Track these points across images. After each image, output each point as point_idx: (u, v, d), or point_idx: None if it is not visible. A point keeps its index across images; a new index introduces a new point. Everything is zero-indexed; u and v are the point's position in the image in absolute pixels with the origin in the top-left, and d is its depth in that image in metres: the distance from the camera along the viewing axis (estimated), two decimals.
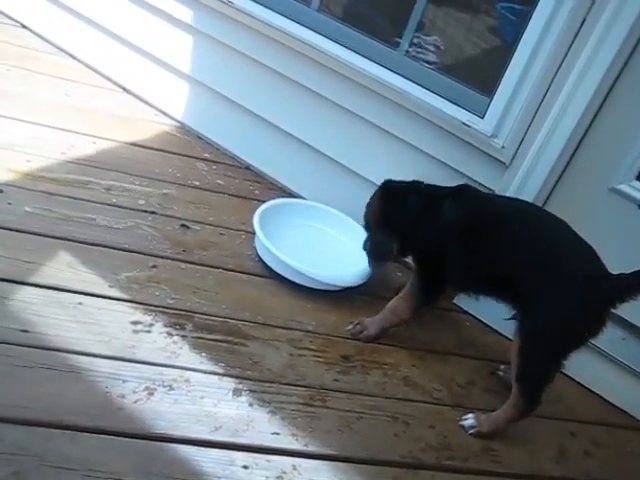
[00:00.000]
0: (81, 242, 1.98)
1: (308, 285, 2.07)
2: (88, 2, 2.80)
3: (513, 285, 1.76)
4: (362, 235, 2.04)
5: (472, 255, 1.81)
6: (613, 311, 1.71)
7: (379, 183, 2.04)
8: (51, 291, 1.80)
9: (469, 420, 1.82)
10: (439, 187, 1.92)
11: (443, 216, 1.85)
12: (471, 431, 1.81)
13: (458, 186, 1.91)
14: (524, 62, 1.98)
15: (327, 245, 2.30)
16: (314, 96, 2.37)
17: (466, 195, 1.89)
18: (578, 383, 2.11)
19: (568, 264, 1.71)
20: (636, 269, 1.65)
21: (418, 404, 1.86)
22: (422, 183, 1.95)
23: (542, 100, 1.98)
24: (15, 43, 2.90)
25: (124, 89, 2.83)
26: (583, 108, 1.92)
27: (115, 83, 2.85)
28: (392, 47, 2.27)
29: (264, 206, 2.21)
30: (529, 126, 2.02)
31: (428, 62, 2.38)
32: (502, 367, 2.03)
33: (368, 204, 2.01)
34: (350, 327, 2.01)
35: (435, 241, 1.86)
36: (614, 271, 1.70)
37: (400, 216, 1.91)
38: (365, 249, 2.02)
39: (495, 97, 2.06)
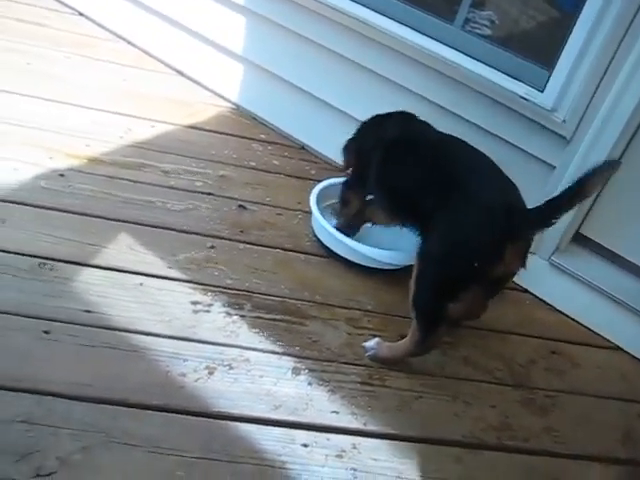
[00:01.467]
0: (141, 224, 2.01)
1: (365, 264, 2.06)
2: None
3: (418, 208, 1.76)
4: None
5: (388, 168, 1.86)
6: None
7: None
8: (113, 272, 1.83)
9: (371, 342, 1.80)
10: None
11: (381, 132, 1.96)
12: (369, 353, 1.79)
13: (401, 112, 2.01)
14: (585, 34, 1.91)
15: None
16: (368, 74, 2.35)
17: (404, 119, 1.99)
18: None
19: (476, 193, 1.66)
20: (549, 198, 1.61)
21: (478, 384, 1.84)
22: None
23: (605, 73, 1.92)
24: (73, 31, 2.94)
25: (180, 72, 2.85)
26: None
27: (171, 67, 2.87)
28: (447, 21, 2.23)
29: (320, 185, 2.21)
30: (591, 99, 1.96)
31: (488, 37, 2.33)
32: None
33: None
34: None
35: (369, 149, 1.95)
36: None
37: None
38: None
39: (555, 70, 2.01)
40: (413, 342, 1.75)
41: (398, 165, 1.85)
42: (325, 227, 2.07)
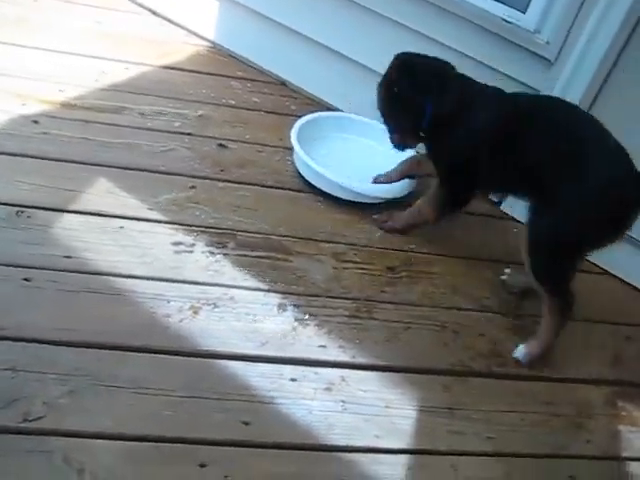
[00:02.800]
0: (119, 167, 1.97)
1: (350, 199, 2.03)
2: None
3: (540, 182, 1.69)
4: None
5: (505, 157, 1.75)
6: None
7: None
8: (92, 217, 1.80)
9: (520, 351, 1.74)
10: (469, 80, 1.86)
11: (479, 120, 1.78)
12: (525, 360, 1.73)
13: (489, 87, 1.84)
14: None
15: (367, 157, 2.23)
16: (347, 4, 2.28)
17: (497, 97, 1.81)
18: (633, 286, 2.06)
19: (594, 161, 1.63)
20: None
21: (467, 312, 1.84)
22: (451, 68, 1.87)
23: None
24: None
25: (153, 12, 2.77)
26: None
27: (144, 7, 2.78)
28: None
29: (301, 121, 2.16)
30: (575, 18, 1.92)
31: None
32: (507, 270, 1.96)
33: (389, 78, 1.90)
34: (377, 216, 2.00)
35: (469, 147, 1.80)
36: None
37: (420, 91, 1.83)
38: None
39: None
40: (557, 311, 1.70)
41: (520, 148, 1.74)
42: (308, 163, 2.03)
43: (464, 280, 1.93)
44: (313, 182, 2.06)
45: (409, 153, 2.08)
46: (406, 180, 2.07)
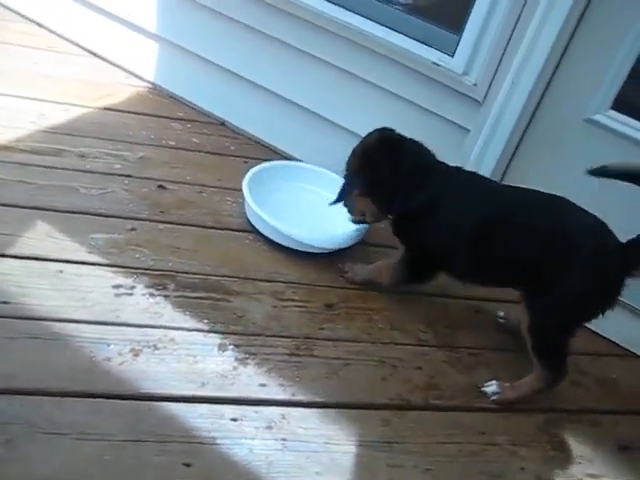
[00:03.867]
0: (58, 210, 1.97)
1: (298, 248, 2.05)
2: None
3: (524, 272, 1.74)
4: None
5: (481, 252, 1.78)
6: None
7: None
8: (31, 261, 1.79)
9: (492, 387, 1.80)
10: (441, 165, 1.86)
11: (454, 214, 1.79)
12: (494, 397, 1.78)
13: (464, 174, 1.85)
14: None
15: (316, 206, 2.23)
16: (280, 45, 2.34)
17: (472, 192, 1.82)
18: None
19: (577, 240, 1.68)
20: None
21: (404, 347, 1.88)
22: (423, 148, 1.87)
23: (511, 34, 1.96)
24: None
25: (93, 54, 2.79)
26: (554, 39, 1.89)
27: (83, 48, 2.80)
28: None
29: (252, 171, 2.17)
30: (500, 61, 2.00)
31: (401, 4, 2.34)
32: (501, 314, 2.04)
33: (356, 149, 1.92)
34: (341, 265, 2.03)
35: (437, 243, 1.83)
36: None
37: (397, 179, 1.82)
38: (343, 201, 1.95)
39: (464, 34, 2.04)
40: (542, 380, 1.76)
41: (498, 245, 1.76)
42: (259, 214, 2.04)
43: (400, 315, 1.97)
44: (262, 231, 2.07)
45: None
46: (355, 230, 2.10)
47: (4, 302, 1.66)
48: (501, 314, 2.05)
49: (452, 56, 2.07)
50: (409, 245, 1.92)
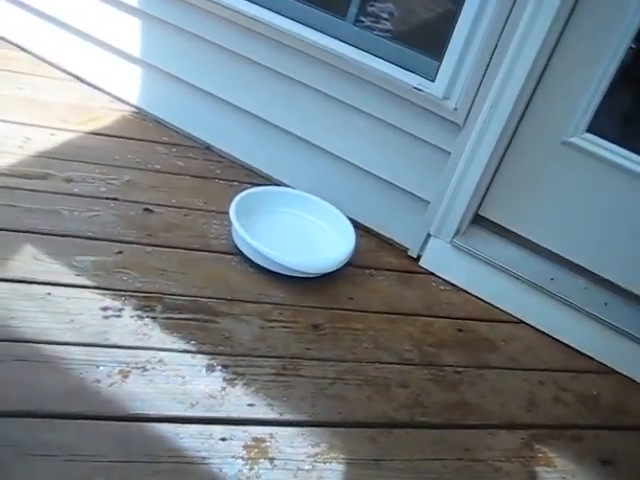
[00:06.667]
0: (45, 234, 1.98)
1: (283, 272, 2.07)
2: None
3: None
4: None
5: None
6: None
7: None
8: (18, 284, 1.80)
9: None
10: None
11: None
12: None
13: None
14: (470, 22, 1.99)
15: (303, 231, 2.29)
16: (264, 70, 2.38)
17: None
18: (545, 334, 2.17)
19: None
20: None
21: (390, 365, 1.91)
22: None
23: (490, 59, 2.00)
24: None
25: (77, 78, 2.81)
26: (531, 63, 1.93)
27: (68, 73, 2.82)
28: (340, 17, 2.28)
29: (239, 196, 2.20)
30: (479, 86, 2.05)
31: (383, 30, 2.39)
32: None
33: None
34: None
35: None
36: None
37: None
38: None
39: (444, 60, 2.08)
40: None
41: None
42: (246, 239, 2.07)
43: (386, 334, 2.00)
44: (248, 255, 2.09)
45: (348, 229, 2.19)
46: (343, 253, 2.14)
47: None
48: None
49: (433, 81, 2.11)
50: None
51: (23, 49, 2.89)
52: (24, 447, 1.43)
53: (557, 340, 2.16)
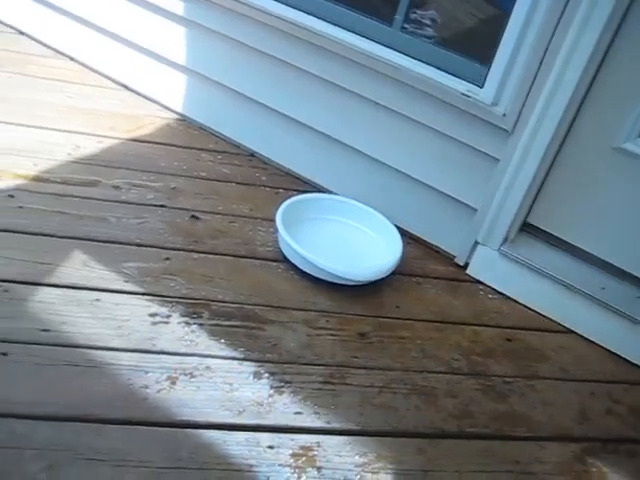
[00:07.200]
0: (94, 240, 2.01)
1: (329, 280, 2.06)
2: (82, 3, 2.82)
3: None
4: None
5: None
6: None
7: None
8: (69, 290, 1.83)
9: None
10: None
11: None
12: None
13: None
14: (519, 27, 1.95)
15: (349, 239, 2.29)
16: (311, 78, 2.38)
17: None
18: (595, 344, 2.12)
19: None
20: None
21: (437, 375, 1.88)
22: None
23: (540, 64, 1.97)
24: (14, 50, 2.92)
25: (124, 86, 2.85)
26: (582, 68, 1.90)
27: (115, 81, 2.87)
28: (387, 24, 2.27)
29: (285, 203, 2.20)
30: (529, 91, 2.01)
31: (427, 37, 2.37)
32: None
33: None
34: None
35: None
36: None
37: None
38: None
39: (493, 65, 2.05)
40: None
41: None
42: (292, 246, 2.06)
43: (433, 343, 1.98)
44: (295, 262, 2.09)
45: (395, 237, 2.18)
46: (390, 261, 2.13)
47: (44, 330, 1.69)
48: None
49: (481, 87, 2.08)
50: None
51: (72, 59, 2.94)
52: (74, 451, 1.45)
53: (608, 350, 2.11)
